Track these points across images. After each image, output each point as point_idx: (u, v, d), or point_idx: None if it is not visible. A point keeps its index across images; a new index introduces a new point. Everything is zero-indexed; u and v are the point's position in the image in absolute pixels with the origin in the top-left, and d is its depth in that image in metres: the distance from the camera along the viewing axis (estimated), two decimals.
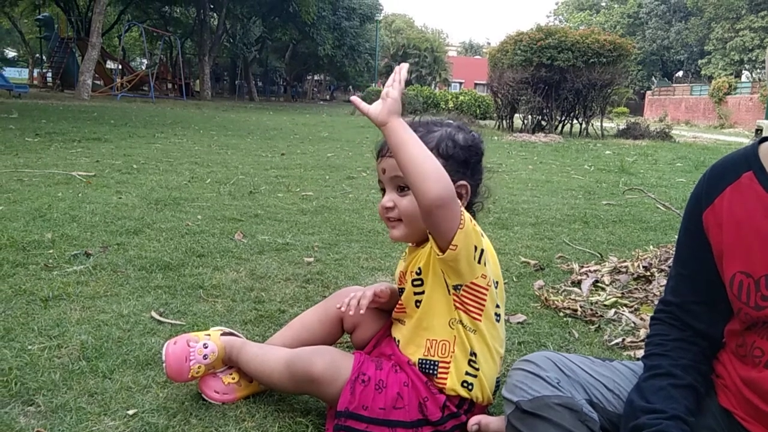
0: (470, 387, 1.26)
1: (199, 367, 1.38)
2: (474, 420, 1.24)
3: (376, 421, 1.23)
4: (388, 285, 1.43)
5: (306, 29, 29.09)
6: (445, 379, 1.26)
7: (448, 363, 1.26)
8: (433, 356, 1.27)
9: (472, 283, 1.23)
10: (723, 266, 1.03)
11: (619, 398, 1.08)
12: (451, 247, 1.16)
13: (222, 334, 1.46)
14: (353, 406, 1.23)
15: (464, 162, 1.29)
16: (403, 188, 1.30)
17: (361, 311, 1.35)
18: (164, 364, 1.36)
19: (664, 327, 1.12)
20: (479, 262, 1.22)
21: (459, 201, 1.17)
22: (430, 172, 1.11)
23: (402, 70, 1.19)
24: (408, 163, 1.13)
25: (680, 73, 45.57)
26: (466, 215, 1.18)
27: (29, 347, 1.61)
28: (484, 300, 1.25)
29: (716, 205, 1.04)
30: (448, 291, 1.25)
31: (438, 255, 1.19)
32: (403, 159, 1.14)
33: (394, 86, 1.17)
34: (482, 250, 1.22)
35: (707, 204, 1.05)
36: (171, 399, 1.40)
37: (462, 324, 1.25)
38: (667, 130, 13.06)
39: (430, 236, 1.20)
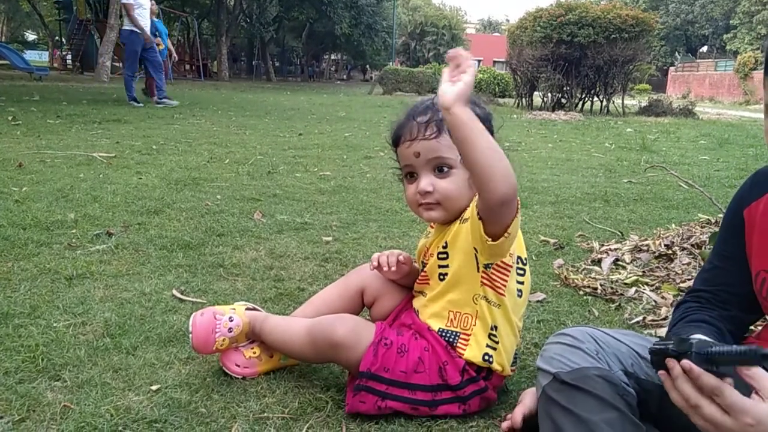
0: (490, 360, 1.27)
1: (223, 340, 1.40)
2: (505, 426, 1.23)
3: (397, 383, 1.25)
4: (408, 255, 1.44)
5: (322, 8, 28.88)
6: (464, 350, 1.27)
7: (469, 335, 1.28)
8: (456, 327, 1.29)
9: (502, 261, 1.25)
10: (751, 264, 1.05)
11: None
12: (505, 234, 1.15)
13: (246, 309, 1.47)
14: (375, 367, 1.24)
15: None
16: (442, 168, 1.28)
17: (393, 268, 1.38)
18: (191, 335, 1.38)
19: (691, 304, 1.12)
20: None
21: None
22: (499, 169, 1.06)
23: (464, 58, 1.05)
24: (475, 159, 1.06)
25: (704, 49, 44.55)
26: None
27: (55, 324, 1.64)
28: (509, 275, 1.27)
29: (753, 207, 1.06)
30: (478, 269, 1.25)
31: (489, 242, 1.16)
32: (470, 154, 1.06)
33: (467, 70, 1.04)
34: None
35: (747, 204, 1.08)
36: (193, 375, 1.42)
37: (486, 300, 1.27)
38: (690, 107, 12.77)
39: (480, 223, 1.16)
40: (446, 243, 1.30)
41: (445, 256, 1.31)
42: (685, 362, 0.83)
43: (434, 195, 1.28)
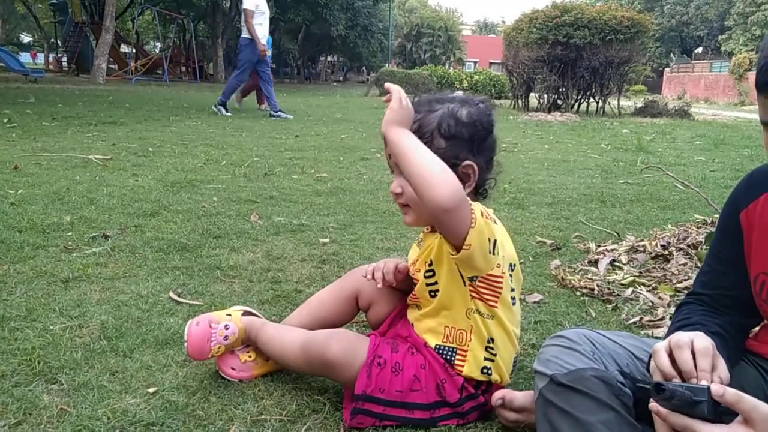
0: (489, 372, 1.27)
1: (219, 348, 1.39)
2: (498, 394, 1.24)
3: (394, 403, 1.24)
4: (405, 264, 1.43)
5: (318, 10, 28.88)
6: (462, 366, 1.26)
7: (466, 351, 1.26)
8: (452, 343, 1.27)
9: (488, 274, 1.22)
10: (750, 266, 1.05)
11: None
12: (464, 247, 1.14)
13: (243, 314, 1.47)
14: (370, 389, 1.23)
15: (469, 140, 1.25)
16: None
17: (393, 284, 1.37)
18: (186, 344, 1.37)
19: (692, 306, 1.12)
20: (493, 253, 1.20)
21: (468, 200, 1.14)
22: (434, 179, 1.09)
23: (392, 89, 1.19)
24: (410, 174, 1.12)
25: (699, 50, 44.70)
26: (477, 210, 1.15)
27: (51, 327, 1.63)
28: (500, 288, 1.25)
29: (750, 209, 1.05)
30: (464, 283, 1.24)
31: (452, 255, 1.17)
32: (405, 169, 1.13)
33: (392, 98, 1.17)
34: (495, 241, 1.20)
35: (744, 206, 1.07)
36: (190, 377, 1.42)
37: (479, 313, 1.25)
38: (685, 108, 12.79)
39: (442, 237, 1.19)
40: (431, 261, 1.28)
41: (431, 273, 1.29)
42: (653, 405, 0.85)
43: (403, 197, 1.29)
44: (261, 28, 8.63)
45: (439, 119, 1.24)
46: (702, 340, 0.90)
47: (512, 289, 1.29)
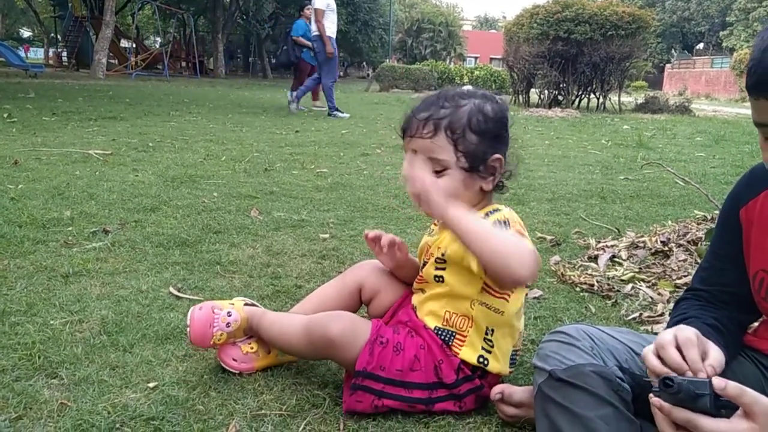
0: (485, 362, 1.27)
1: (221, 335, 1.40)
2: (497, 389, 1.25)
3: (393, 381, 1.25)
4: (404, 243, 1.44)
5: None
6: (460, 349, 1.27)
7: (464, 337, 1.27)
8: (451, 327, 1.29)
9: None
10: (749, 263, 1.05)
11: None
12: (504, 295, 1.24)
13: (244, 305, 1.47)
14: (371, 366, 1.24)
15: (497, 136, 1.27)
16: (439, 171, 1.25)
17: (384, 250, 1.43)
18: (188, 329, 1.37)
19: (690, 302, 1.12)
20: None
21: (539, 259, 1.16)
22: (515, 260, 1.10)
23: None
24: (483, 255, 1.13)
25: (701, 46, 44.63)
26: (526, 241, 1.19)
27: (51, 322, 1.64)
28: (516, 291, 1.28)
29: (750, 206, 1.05)
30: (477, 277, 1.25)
31: (483, 280, 1.23)
32: (477, 251, 1.14)
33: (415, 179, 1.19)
34: None
35: (744, 203, 1.07)
36: (190, 372, 1.42)
37: (486, 305, 1.26)
38: (686, 104, 12.77)
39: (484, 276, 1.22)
40: (444, 254, 1.28)
41: (442, 265, 1.30)
42: (655, 400, 0.85)
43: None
44: (333, 26, 8.57)
45: (468, 114, 1.24)
46: (683, 332, 0.90)
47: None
